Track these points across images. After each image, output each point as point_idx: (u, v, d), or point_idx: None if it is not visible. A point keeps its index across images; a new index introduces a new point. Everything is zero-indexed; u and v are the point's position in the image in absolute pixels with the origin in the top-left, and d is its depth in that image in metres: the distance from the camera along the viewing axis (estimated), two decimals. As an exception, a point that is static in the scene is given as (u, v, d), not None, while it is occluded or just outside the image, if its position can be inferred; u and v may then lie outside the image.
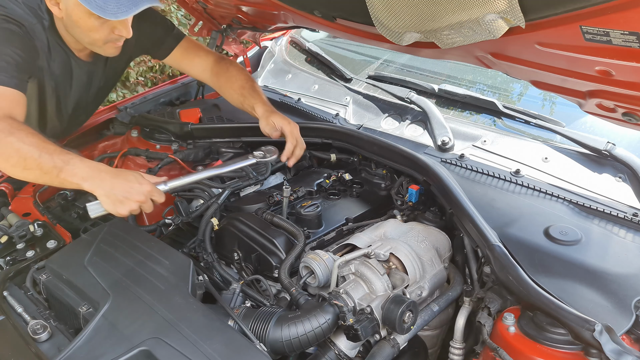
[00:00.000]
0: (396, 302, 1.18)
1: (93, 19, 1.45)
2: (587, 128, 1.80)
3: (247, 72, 1.84)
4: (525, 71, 1.28)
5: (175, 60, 1.92)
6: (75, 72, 1.74)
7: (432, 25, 1.15)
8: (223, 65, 1.86)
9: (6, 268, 1.50)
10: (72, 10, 1.46)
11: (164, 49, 1.88)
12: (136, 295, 1.24)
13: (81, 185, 1.30)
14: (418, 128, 2.02)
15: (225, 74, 1.83)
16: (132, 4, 1.42)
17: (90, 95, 1.90)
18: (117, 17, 1.41)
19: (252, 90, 1.76)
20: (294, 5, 1.66)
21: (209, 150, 2.14)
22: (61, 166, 1.29)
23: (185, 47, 1.90)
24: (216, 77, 1.84)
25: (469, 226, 1.38)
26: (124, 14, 1.41)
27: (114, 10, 1.40)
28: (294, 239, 1.48)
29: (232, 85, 1.79)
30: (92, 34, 1.52)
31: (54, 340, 1.23)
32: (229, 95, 1.83)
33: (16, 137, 1.29)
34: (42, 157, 1.28)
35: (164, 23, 1.87)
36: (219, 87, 1.88)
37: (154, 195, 1.36)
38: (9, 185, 1.92)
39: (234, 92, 1.79)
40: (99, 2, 1.39)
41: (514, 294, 1.20)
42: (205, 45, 1.98)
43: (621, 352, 0.99)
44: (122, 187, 1.30)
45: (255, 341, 1.16)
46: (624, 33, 0.91)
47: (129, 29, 1.54)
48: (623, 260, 1.30)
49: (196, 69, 1.90)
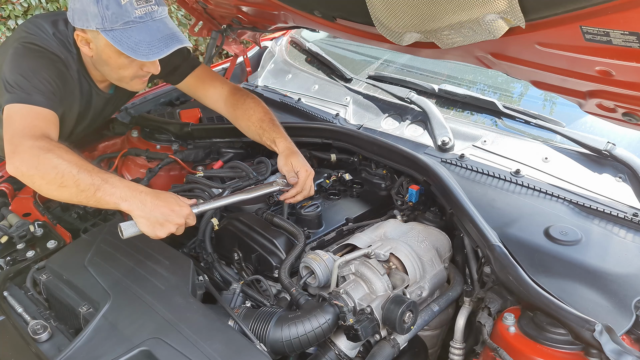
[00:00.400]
0: (396, 302, 1.18)
1: (123, 57, 1.47)
2: (587, 128, 1.80)
3: (264, 105, 1.82)
4: (526, 71, 1.28)
5: (189, 87, 1.91)
6: (95, 100, 1.78)
7: (432, 26, 1.15)
8: (240, 97, 1.84)
9: (6, 268, 1.50)
10: (102, 50, 1.49)
11: (178, 74, 1.88)
12: (136, 295, 1.24)
13: (119, 205, 1.26)
14: (418, 128, 2.02)
15: (242, 106, 1.80)
16: (163, 45, 1.43)
17: (100, 119, 1.95)
18: (149, 58, 1.43)
19: (272, 124, 1.73)
20: (294, 5, 1.66)
21: (209, 151, 2.14)
22: (99, 184, 1.26)
23: (200, 75, 1.90)
24: (232, 108, 1.82)
25: (469, 226, 1.38)
26: (156, 55, 1.43)
27: (145, 52, 1.41)
28: (294, 239, 1.48)
29: (249, 117, 1.77)
30: (121, 71, 1.54)
31: (54, 341, 1.23)
32: (245, 127, 1.79)
33: (55, 154, 1.29)
34: (81, 174, 1.27)
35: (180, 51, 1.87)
36: (234, 118, 1.84)
37: (190, 219, 1.34)
38: (9, 185, 1.93)
39: (252, 124, 1.76)
40: (130, 44, 1.41)
41: (514, 294, 1.20)
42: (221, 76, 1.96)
43: (621, 352, 0.99)
44: (163, 210, 1.28)
45: (255, 341, 1.16)
46: (624, 33, 0.91)
47: (158, 67, 1.56)
48: (623, 260, 1.30)
49: (211, 98, 1.88)
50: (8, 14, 4.13)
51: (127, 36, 1.41)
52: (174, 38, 1.46)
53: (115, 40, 1.40)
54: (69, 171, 1.26)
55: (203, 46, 5.37)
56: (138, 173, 2.10)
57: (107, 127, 2.31)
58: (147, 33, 1.42)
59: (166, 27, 1.47)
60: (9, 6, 4.11)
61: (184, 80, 1.89)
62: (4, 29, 4.10)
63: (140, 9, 1.40)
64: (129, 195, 1.26)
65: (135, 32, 1.41)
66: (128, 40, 1.41)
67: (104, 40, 1.44)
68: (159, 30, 1.45)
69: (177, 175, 2.09)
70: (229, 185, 1.76)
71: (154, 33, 1.43)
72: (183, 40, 1.48)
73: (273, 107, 2.37)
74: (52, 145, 1.32)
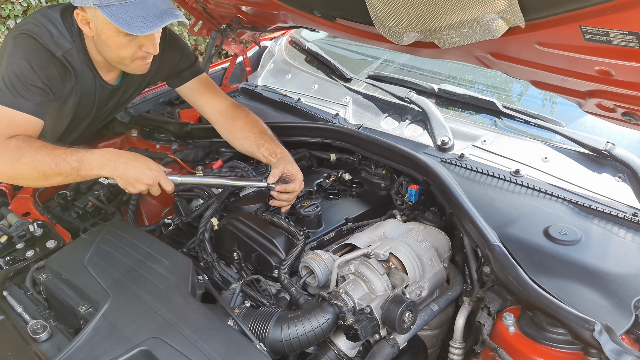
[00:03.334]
0: (396, 302, 1.18)
1: (121, 36, 1.50)
2: (586, 128, 1.80)
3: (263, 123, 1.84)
4: (525, 71, 1.28)
5: (188, 93, 1.92)
6: (99, 93, 1.78)
7: (431, 25, 1.15)
8: (243, 110, 1.85)
9: (6, 268, 1.50)
10: (101, 29, 1.51)
11: (179, 79, 1.89)
12: (136, 295, 1.24)
13: (100, 174, 1.44)
14: (418, 128, 2.02)
15: (245, 118, 1.82)
16: (157, 19, 1.46)
17: (103, 114, 1.95)
18: (143, 32, 1.44)
19: (272, 139, 1.75)
20: (293, 5, 1.66)
21: (208, 150, 2.14)
22: (78, 166, 1.42)
23: (204, 83, 1.91)
24: (231, 120, 1.83)
25: (469, 226, 1.38)
26: (150, 29, 1.45)
27: (140, 26, 1.44)
28: (293, 239, 1.48)
29: (251, 128, 1.78)
30: (120, 51, 1.55)
31: (53, 340, 1.23)
32: (242, 137, 1.79)
33: (28, 157, 1.41)
34: (59, 165, 1.41)
35: (188, 56, 1.88)
36: (231, 129, 1.83)
37: (162, 181, 1.48)
38: (8, 185, 1.92)
39: (252, 134, 1.76)
40: (126, 19, 1.43)
41: (514, 293, 1.20)
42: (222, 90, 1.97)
43: (621, 352, 0.99)
44: (134, 171, 1.44)
45: (255, 341, 1.16)
46: (624, 33, 0.91)
47: (156, 46, 1.58)
48: (623, 260, 1.30)
49: (210, 107, 1.88)
50: (7, 14, 4.13)
51: (123, 11, 1.43)
52: (169, 12, 1.49)
53: (112, 16, 1.43)
54: (48, 166, 1.41)
55: (203, 46, 5.37)
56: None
57: (106, 127, 2.31)
58: (142, 8, 1.45)
59: (163, 2, 1.49)
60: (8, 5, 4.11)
61: (186, 85, 1.90)
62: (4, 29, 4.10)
63: None
64: (104, 162, 1.44)
65: (131, 7, 1.43)
66: (124, 15, 1.43)
67: (102, 17, 1.45)
68: (155, 5, 1.47)
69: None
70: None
71: (149, 8, 1.45)
72: (178, 15, 1.50)
73: (273, 107, 2.40)
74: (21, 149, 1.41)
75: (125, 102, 2.01)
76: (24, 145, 1.42)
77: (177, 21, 1.52)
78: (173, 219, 1.74)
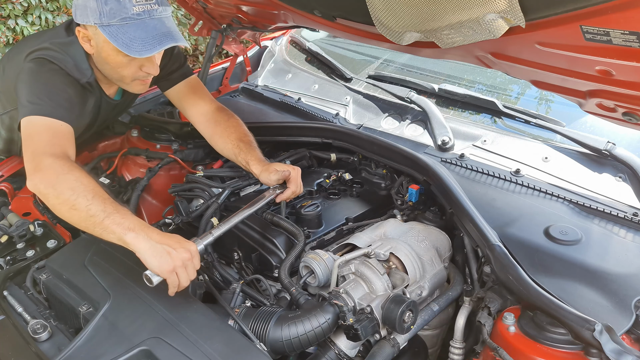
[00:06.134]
0: (396, 301, 1.18)
1: (121, 56, 1.49)
2: (587, 128, 1.80)
3: (245, 127, 1.80)
4: (526, 71, 1.28)
5: (178, 95, 1.89)
6: (103, 108, 1.79)
7: (432, 25, 1.15)
8: (224, 115, 1.83)
9: (6, 268, 1.50)
10: (101, 47, 1.50)
11: (169, 81, 1.87)
12: (136, 294, 1.24)
13: (124, 235, 1.20)
14: (418, 128, 2.02)
15: (225, 123, 1.79)
16: (157, 42, 1.44)
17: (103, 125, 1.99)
18: (142, 55, 1.44)
19: (249, 146, 1.71)
20: (294, 5, 1.66)
21: (209, 150, 2.14)
22: (110, 211, 1.23)
23: (191, 86, 1.89)
24: (213, 124, 1.80)
25: (469, 226, 1.38)
26: (148, 52, 1.44)
27: (138, 49, 1.43)
28: (294, 239, 1.48)
29: (229, 135, 1.75)
30: (120, 70, 1.55)
31: (54, 340, 1.24)
32: (222, 144, 1.77)
33: (74, 175, 1.30)
34: (95, 200, 1.25)
35: (178, 57, 1.86)
36: (212, 134, 1.81)
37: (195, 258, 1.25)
38: (9, 185, 1.93)
39: (230, 142, 1.73)
40: (125, 40, 1.42)
41: (514, 293, 1.20)
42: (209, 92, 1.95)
43: (621, 351, 0.99)
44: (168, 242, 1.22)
45: (255, 341, 1.16)
46: (624, 33, 0.91)
47: (157, 67, 1.57)
48: (623, 260, 1.30)
49: (196, 111, 1.86)
50: (8, 14, 4.12)
51: (122, 32, 1.42)
52: (169, 36, 1.47)
53: (111, 36, 1.42)
54: (84, 195, 1.25)
55: (203, 46, 5.37)
56: (138, 172, 2.10)
57: (106, 127, 2.30)
58: (143, 30, 1.43)
59: (163, 25, 1.47)
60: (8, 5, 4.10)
61: (174, 88, 1.88)
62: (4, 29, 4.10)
63: (138, 6, 1.42)
64: (136, 227, 1.21)
65: (131, 28, 1.42)
66: (123, 36, 1.42)
67: (102, 36, 1.45)
68: (155, 28, 1.45)
69: (177, 174, 2.09)
70: (228, 185, 1.76)
71: (149, 30, 1.44)
72: (178, 39, 1.49)
73: (273, 107, 2.39)
74: (72, 167, 1.33)
75: (123, 111, 2.03)
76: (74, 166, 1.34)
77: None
78: (173, 218, 1.74)
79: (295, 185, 1.59)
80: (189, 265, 1.21)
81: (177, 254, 1.19)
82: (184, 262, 1.20)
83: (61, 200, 1.27)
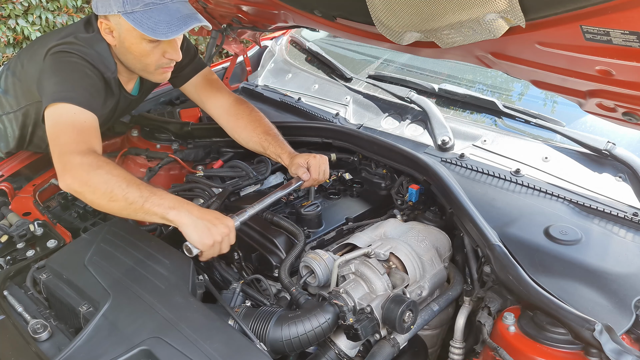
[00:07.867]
0: (396, 301, 1.18)
1: (144, 43, 1.51)
2: (587, 128, 1.80)
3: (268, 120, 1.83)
4: (526, 71, 1.28)
5: (192, 90, 1.90)
6: (121, 103, 1.80)
7: (432, 25, 1.15)
8: (245, 108, 1.85)
9: (6, 267, 1.50)
10: (124, 36, 1.52)
11: (181, 77, 1.88)
12: (136, 294, 1.24)
13: (166, 214, 1.29)
14: (418, 127, 2.02)
15: (247, 117, 1.81)
16: (182, 23, 1.47)
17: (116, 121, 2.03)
18: (168, 36, 1.46)
19: (276, 139, 1.75)
20: (294, 5, 1.66)
21: (209, 150, 2.14)
22: (147, 196, 1.30)
23: (207, 78, 1.90)
24: (235, 118, 1.82)
25: (469, 226, 1.38)
26: (174, 33, 1.46)
27: (164, 31, 1.45)
28: (294, 239, 1.48)
29: (254, 128, 1.78)
30: (144, 58, 1.56)
31: (54, 340, 1.23)
32: (246, 137, 1.79)
33: (104, 169, 1.33)
34: (130, 188, 1.30)
35: (188, 52, 1.86)
36: (234, 127, 1.83)
37: (232, 233, 1.35)
38: (9, 184, 1.93)
39: (256, 135, 1.76)
40: (150, 24, 1.44)
41: (514, 293, 1.20)
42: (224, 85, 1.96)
43: (621, 351, 0.99)
44: (209, 218, 1.31)
45: (255, 340, 1.16)
46: (624, 33, 0.91)
47: (179, 52, 1.59)
48: (623, 259, 1.30)
49: (214, 103, 1.87)
50: (8, 14, 4.12)
51: (147, 17, 1.44)
52: (192, 17, 1.49)
53: (136, 22, 1.44)
54: (119, 185, 1.30)
55: (203, 45, 5.38)
56: (138, 172, 2.10)
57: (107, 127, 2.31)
58: (166, 13, 1.46)
59: (185, 7, 1.50)
60: (9, 5, 4.11)
61: (189, 82, 1.89)
62: (5, 28, 4.10)
63: None
64: (176, 205, 1.30)
65: (155, 13, 1.45)
66: (148, 21, 1.44)
67: (125, 25, 1.47)
68: (178, 10, 1.48)
69: (177, 174, 2.09)
70: (228, 185, 1.76)
71: (173, 13, 1.46)
72: (201, 19, 1.51)
73: (273, 107, 2.39)
74: (100, 161, 1.35)
75: (134, 108, 2.04)
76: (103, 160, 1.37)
77: None
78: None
79: (317, 173, 1.62)
80: (226, 240, 1.33)
81: (216, 230, 1.30)
82: (222, 237, 1.31)
83: (98, 195, 1.31)
